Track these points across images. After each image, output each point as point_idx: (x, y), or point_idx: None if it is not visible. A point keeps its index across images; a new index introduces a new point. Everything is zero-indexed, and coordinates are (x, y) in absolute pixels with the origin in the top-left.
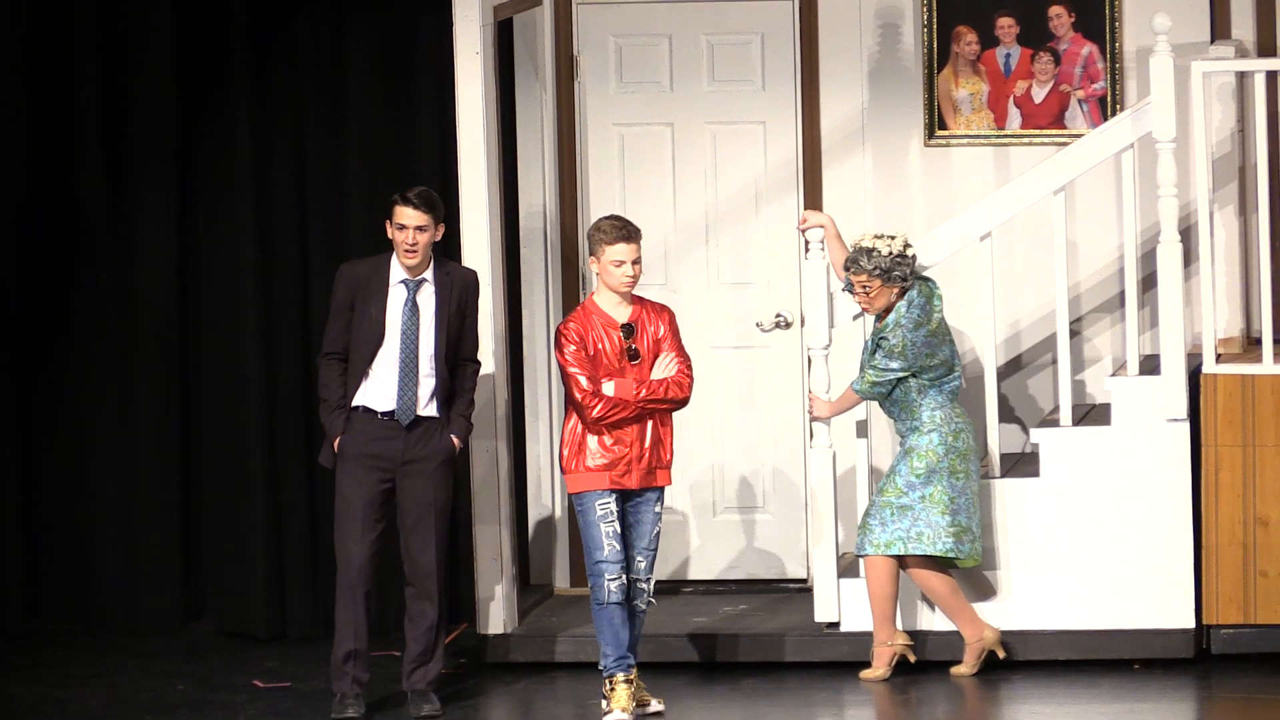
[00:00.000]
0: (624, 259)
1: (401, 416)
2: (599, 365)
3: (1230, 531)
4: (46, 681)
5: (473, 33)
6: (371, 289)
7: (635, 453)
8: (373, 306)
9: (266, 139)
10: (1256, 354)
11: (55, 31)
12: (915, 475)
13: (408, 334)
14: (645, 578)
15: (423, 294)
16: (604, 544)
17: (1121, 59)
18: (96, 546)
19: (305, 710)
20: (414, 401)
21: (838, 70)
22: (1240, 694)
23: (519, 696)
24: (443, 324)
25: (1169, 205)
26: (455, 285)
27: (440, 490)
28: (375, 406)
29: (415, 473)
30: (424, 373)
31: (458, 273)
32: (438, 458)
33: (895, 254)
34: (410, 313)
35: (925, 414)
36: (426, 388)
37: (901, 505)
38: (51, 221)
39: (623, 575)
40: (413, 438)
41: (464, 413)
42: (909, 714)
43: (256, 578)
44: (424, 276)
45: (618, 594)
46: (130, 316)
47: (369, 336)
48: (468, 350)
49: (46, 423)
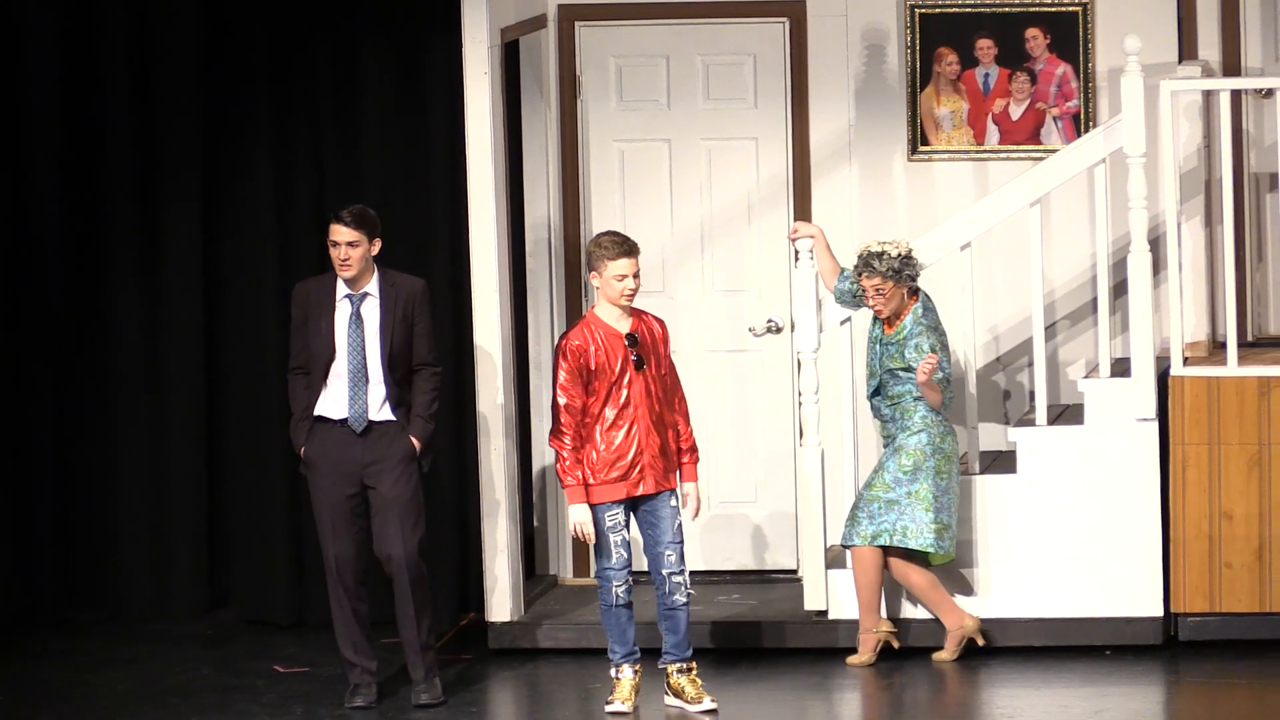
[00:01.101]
0: (625, 273)
1: (354, 424)
2: (601, 377)
3: (1197, 525)
4: (79, 666)
5: (481, 54)
6: (320, 304)
7: (647, 458)
8: (323, 321)
9: (287, 151)
10: (1221, 357)
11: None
12: (903, 472)
13: (354, 345)
14: (678, 569)
15: (366, 306)
16: (613, 553)
17: (1094, 78)
18: (126, 538)
19: (322, 694)
20: (364, 409)
21: (826, 89)
22: (1206, 679)
23: (525, 681)
24: (387, 333)
25: (1139, 217)
26: (400, 296)
27: (404, 487)
28: (332, 415)
29: (377, 474)
30: (373, 381)
31: (404, 284)
32: (396, 458)
33: (903, 255)
34: (355, 325)
35: (917, 416)
36: (377, 395)
37: (888, 500)
38: (86, 227)
39: (629, 580)
40: (370, 442)
41: (422, 414)
42: (893, 698)
43: (277, 568)
44: (367, 290)
45: (624, 597)
46: (158, 318)
47: (321, 350)
48: (422, 355)
49: (80, 418)
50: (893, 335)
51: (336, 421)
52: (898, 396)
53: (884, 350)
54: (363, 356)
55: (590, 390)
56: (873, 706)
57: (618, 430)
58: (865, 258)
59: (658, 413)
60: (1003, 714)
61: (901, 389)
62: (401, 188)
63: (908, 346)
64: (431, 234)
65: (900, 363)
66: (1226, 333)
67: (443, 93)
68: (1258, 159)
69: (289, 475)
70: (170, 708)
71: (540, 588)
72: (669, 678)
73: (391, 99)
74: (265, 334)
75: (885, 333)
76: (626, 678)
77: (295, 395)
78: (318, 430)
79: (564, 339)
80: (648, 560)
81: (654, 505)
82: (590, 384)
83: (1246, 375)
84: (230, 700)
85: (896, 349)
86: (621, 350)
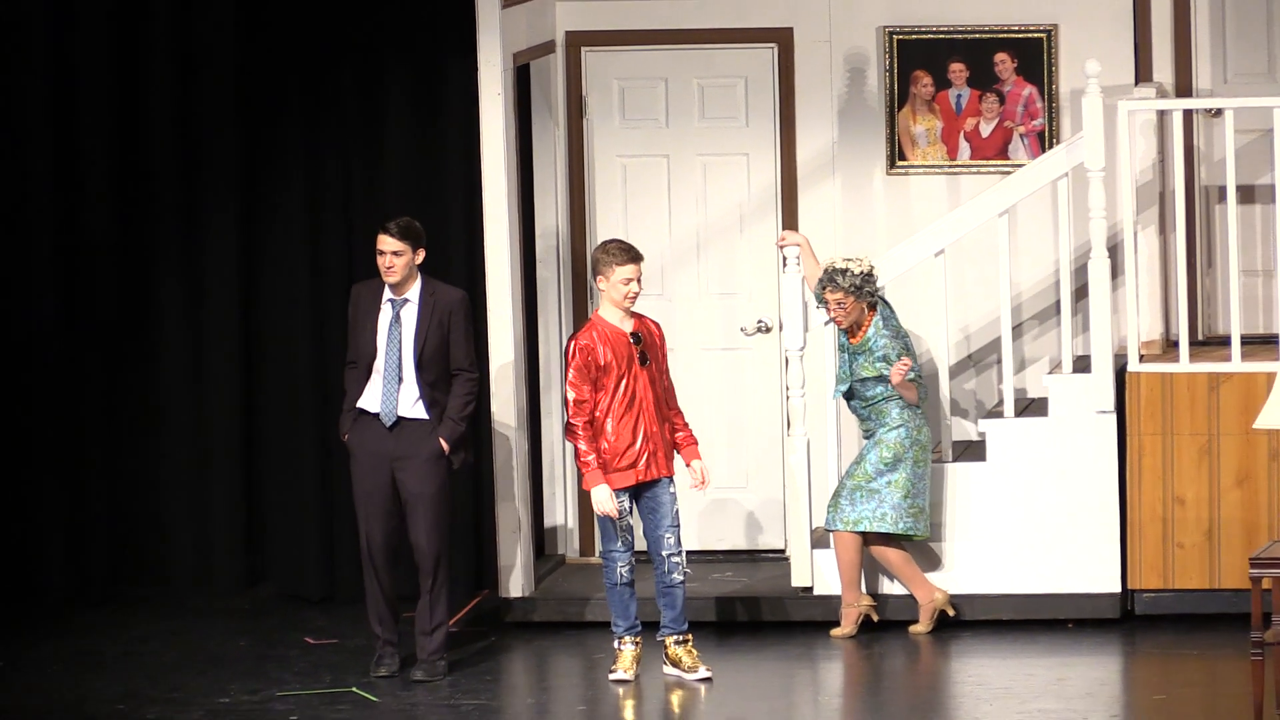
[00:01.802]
0: (631, 277)
1: (385, 418)
2: (609, 372)
3: (1151, 509)
4: (130, 638)
5: (495, 76)
6: (368, 306)
7: (651, 447)
8: (369, 321)
9: (316, 164)
10: (1174, 355)
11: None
12: (884, 463)
13: (391, 345)
14: (676, 550)
15: (406, 310)
16: (616, 536)
17: (1057, 99)
18: (171, 520)
19: (350, 664)
20: (395, 405)
21: (811, 109)
22: (1160, 650)
23: (536, 651)
24: (421, 337)
25: (1098, 226)
26: (439, 305)
27: (429, 483)
28: (370, 408)
29: (406, 467)
30: (406, 380)
31: (444, 294)
32: (424, 455)
33: (864, 273)
34: (394, 327)
35: (895, 413)
36: (409, 393)
37: (870, 489)
38: (135, 236)
39: (632, 561)
40: (400, 437)
41: (454, 416)
42: (871, 667)
43: (308, 547)
44: (408, 296)
45: (627, 576)
46: (199, 316)
47: (367, 347)
48: (458, 361)
49: (128, 410)
50: (859, 345)
51: (373, 414)
52: (871, 399)
53: (853, 359)
54: (398, 356)
55: (599, 386)
56: (853, 675)
57: (626, 423)
58: (830, 273)
59: (659, 407)
60: (973, 681)
61: (873, 393)
62: (421, 198)
63: (875, 357)
64: (448, 241)
65: (872, 371)
66: (1179, 332)
67: (459, 111)
68: (1207, 173)
69: (320, 461)
70: (210, 676)
71: (549, 566)
72: (667, 649)
73: (412, 116)
74: (297, 331)
75: (851, 342)
76: (628, 649)
77: (347, 386)
78: (360, 421)
79: (573, 339)
80: (648, 543)
81: (655, 492)
82: (599, 380)
83: (1197, 371)
84: (265, 669)
85: (865, 357)
86: (627, 348)
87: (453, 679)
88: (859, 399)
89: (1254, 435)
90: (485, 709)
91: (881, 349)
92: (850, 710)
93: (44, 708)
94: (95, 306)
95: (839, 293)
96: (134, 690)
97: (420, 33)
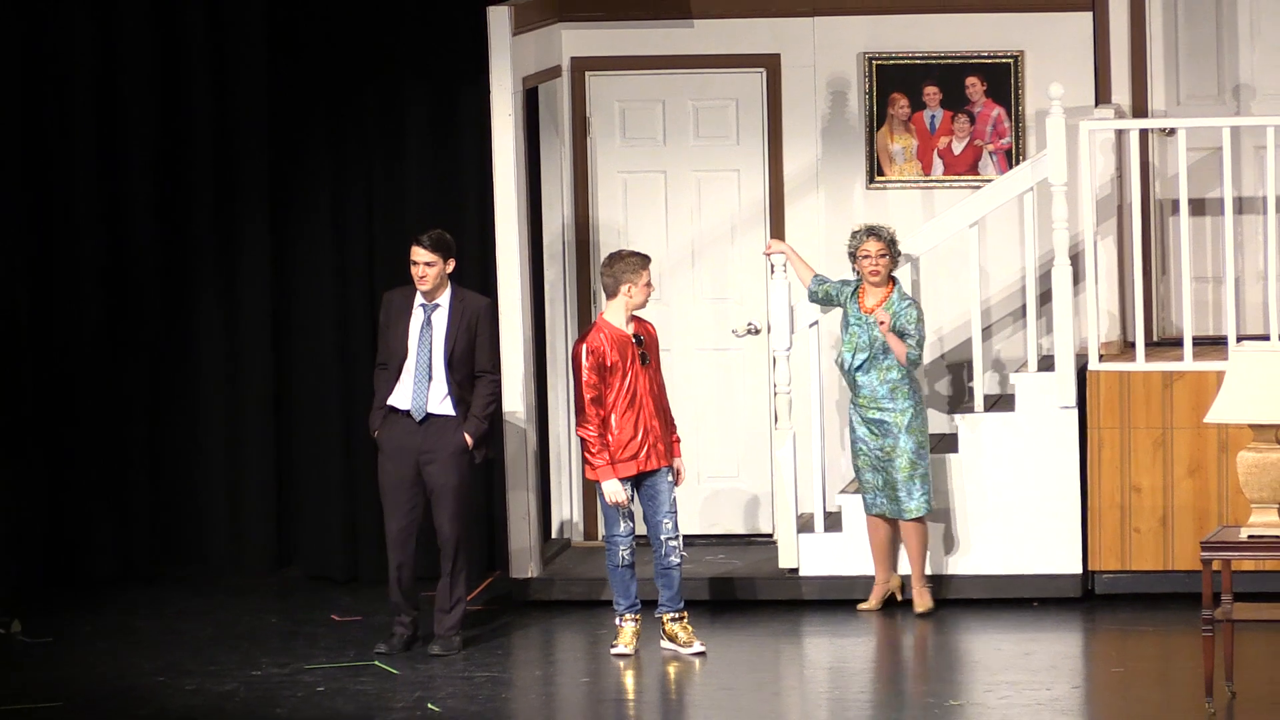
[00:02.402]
0: (651, 278)
1: (415, 414)
2: (614, 372)
3: (1110, 496)
4: (168, 615)
5: (506, 99)
6: (400, 311)
7: (651, 439)
8: (400, 325)
9: (341, 178)
10: (1131, 355)
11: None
12: (921, 446)
13: (422, 347)
14: (672, 535)
15: (436, 315)
16: (619, 522)
17: (1024, 119)
18: (208, 505)
19: (372, 640)
20: (424, 402)
21: (797, 128)
22: (1118, 626)
23: (544, 628)
24: (450, 340)
25: (1061, 236)
26: (467, 311)
27: (453, 476)
28: (400, 406)
29: (432, 461)
30: (436, 379)
31: (471, 300)
32: (449, 450)
33: (893, 231)
34: (425, 330)
35: (910, 390)
36: (438, 391)
37: (921, 475)
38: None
39: (633, 545)
40: (428, 432)
41: (477, 414)
42: (852, 642)
43: (334, 531)
44: (439, 302)
45: (628, 559)
46: (234, 316)
47: (398, 349)
48: (482, 363)
49: (169, 403)
50: (879, 314)
51: (403, 411)
52: (889, 373)
53: (870, 327)
54: (429, 357)
55: (606, 384)
56: (836, 649)
57: (628, 418)
58: (868, 228)
59: (657, 402)
60: (946, 655)
61: (894, 370)
62: (437, 209)
63: (902, 316)
64: (463, 249)
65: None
66: (1136, 334)
67: (473, 130)
68: (1161, 187)
69: (344, 451)
70: (242, 651)
71: (555, 550)
72: (664, 625)
73: (430, 135)
74: (323, 330)
75: (864, 312)
76: (629, 626)
77: (377, 387)
78: (389, 418)
79: (583, 342)
80: (647, 528)
81: (654, 481)
82: (606, 379)
83: (1152, 370)
84: (293, 645)
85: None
86: (630, 349)
87: (467, 653)
88: (874, 372)
89: (1205, 429)
90: (496, 680)
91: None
92: (833, 681)
93: (90, 680)
94: (139, 308)
95: (880, 243)
96: (173, 663)
97: (438, 58)
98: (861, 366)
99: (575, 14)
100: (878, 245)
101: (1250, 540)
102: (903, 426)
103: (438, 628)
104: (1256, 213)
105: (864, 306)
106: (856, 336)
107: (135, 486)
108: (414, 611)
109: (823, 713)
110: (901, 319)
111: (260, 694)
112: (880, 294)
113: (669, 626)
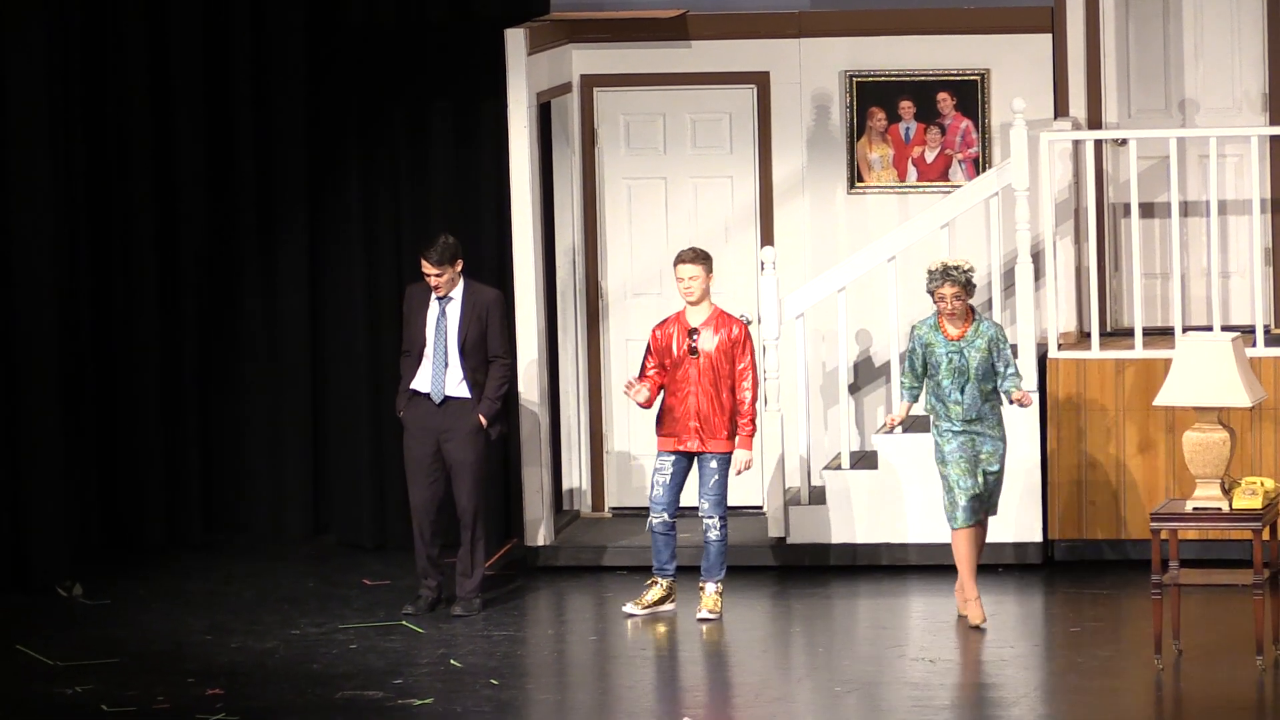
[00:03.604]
0: (682, 276)
1: (434, 396)
2: (666, 356)
3: (1069, 471)
4: (215, 580)
5: (521, 113)
6: (419, 304)
7: (695, 425)
8: (419, 316)
9: (370, 187)
10: (1087, 344)
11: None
12: (1002, 457)
13: (439, 336)
14: (709, 514)
15: (450, 307)
16: (656, 489)
17: (989, 131)
18: (252, 478)
19: (399, 602)
20: (442, 385)
21: (784, 139)
22: (1075, 588)
23: (556, 591)
24: (464, 329)
25: (1023, 237)
26: (478, 302)
27: (469, 452)
28: (421, 389)
29: (450, 439)
30: (452, 364)
31: (481, 293)
32: (465, 429)
33: (970, 269)
34: (441, 321)
35: (998, 397)
36: (454, 375)
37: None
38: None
39: (665, 514)
40: (446, 413)
41: (491, 395)
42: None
43: (366, 502)
44: (452, 295)
45: (659, 527)
46: (275, 307)
47: (418, 338)
48: (494, 349)
49: (217, 385)
50: (968, 337)
51: (424, 394)
52: (984, 384)
53: (961, 354)
54: (445, 345)
55: (662, 365)
56: (820, 609)
57: (674, 398)
58: (944, 269)
59: (710, 391)
60: (919, 615)
61: (993, 392)
62: (458, 214)
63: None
64: (481, 251)
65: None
66: (1091, 325)
67: (491, 142)
68: (1115, 192)
69: (374, 431)
70: (282, 613)
71: (566, 520)
72: (701, 590)
73: (452, 146)
74: (355, 320)
75: (950, 340)
76: (655, 588)
77: (402, 371)
78: (412, 400)
79: (656, 326)
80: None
81: (702, 462)
82: (661, 361)
83: (1106, 358)
84: (329, 606)
85: (982, 342)
86: (684, 338)
87: (486, 614)
88: (977, 393)
89: (1154, 411)
90: (513, 639)
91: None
92: (816, 639)
93: (144, 639)
94: (190, 297)
95: (955, 287)
96: (219, 624)
97: (459, 76)
98: (963, 388)
99: (585, 36)
100: (953, 289)
101: (1195, 512)
102: (1001, 434)
103: (459, 591)
104: (1200, 215)
105: (948, 334)
106: (953, 363)
107: (186, 461)
108: (439, 576)
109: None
110: (1002, 345)
111: (298, 651)
112: (961, 323)
113: (701, 593)
